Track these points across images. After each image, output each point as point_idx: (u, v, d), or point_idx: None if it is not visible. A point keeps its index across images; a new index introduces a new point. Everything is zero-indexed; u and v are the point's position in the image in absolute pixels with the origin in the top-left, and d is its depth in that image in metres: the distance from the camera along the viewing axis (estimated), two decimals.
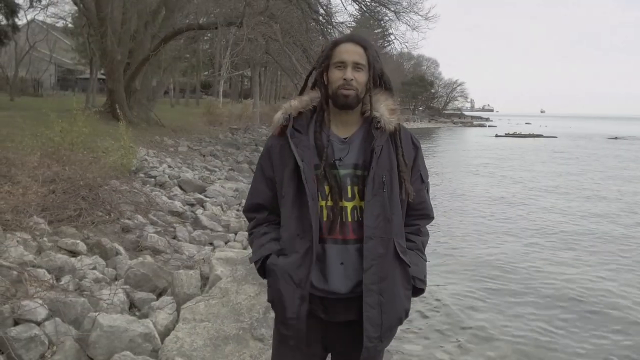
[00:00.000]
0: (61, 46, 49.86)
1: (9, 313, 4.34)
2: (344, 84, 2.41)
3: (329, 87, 2.47)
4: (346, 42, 2.48)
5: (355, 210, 2.43)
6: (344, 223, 2.42)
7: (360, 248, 2.40)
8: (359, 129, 2.51)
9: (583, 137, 64.71)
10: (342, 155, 2.45)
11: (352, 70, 2.42)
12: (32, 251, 5.96)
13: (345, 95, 2.41)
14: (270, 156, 2.54)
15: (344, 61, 2.43)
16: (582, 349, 6.45)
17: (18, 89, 34.45)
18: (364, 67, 2.45)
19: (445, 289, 8.27)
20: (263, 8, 20.48)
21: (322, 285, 2.42)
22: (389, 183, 2.42)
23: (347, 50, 2.45)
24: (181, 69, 46.89)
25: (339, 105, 2.45)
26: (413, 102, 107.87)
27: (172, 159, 16.73)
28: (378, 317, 2.40)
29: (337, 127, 2.50)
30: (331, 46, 2.51)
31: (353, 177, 2.44)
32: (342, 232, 2.42)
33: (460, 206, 15.95)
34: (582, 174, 24.90)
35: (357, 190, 2.44)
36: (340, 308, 2.44)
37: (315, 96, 2.54)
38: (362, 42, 2.49)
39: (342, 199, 2.42)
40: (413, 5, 27.75)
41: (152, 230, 7.97)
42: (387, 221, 2.41)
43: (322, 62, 2.50)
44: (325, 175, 2.40)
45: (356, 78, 2.42)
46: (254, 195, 2.63)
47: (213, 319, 4.92)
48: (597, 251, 10.93)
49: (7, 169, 7.98)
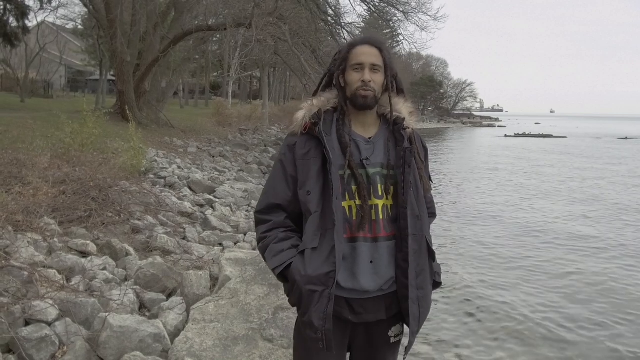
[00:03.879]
0: (71, 48, 50.14)
1: (20, 313, 4.37)
2: (362, 86, 2.45)
3: (347, 89, 2.50)
4: (362, 44, 2.51)
5: (385, 208, 2.45)
6: (374, 221, 2.44)
7: (391, 245, 2.44)
8: (380, 129, 2.55)
9: (593, 138, 64.33)
10: (369, 154, 2.48)
11: (369, 71, 2.46)
12: (43, 252, 5.99)
13: (364, 96, 2.45)
14: (295, 153, 2.51)
15: (362, 63, 2.46)
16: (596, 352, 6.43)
17: (28, 90, 34.62)
18: (380, 69, 2.49)
19: (455, 288, 8.26)
20: (272, 9, 20.48)
21: (350, 285, 2.40)
22: (414, 182, 2.47)
23: (364, 52, 2.48)
24: (190, 70, 47.00)
25: (358, 107, 2.48)
26: (422, 102, 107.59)
27: (182, 159, 16.77)
28: (417, 312, 2.45)
29: (358, 127, 2.53)
30: (348, 48, 2.54)
31: (382, 175, 2.46)
32: (372, 230, 2.43)
33: (470, 209, 15.90)
34: (594, 178, 24.65)
35: (387, 188, 2.46)
36: (369, 307, 2.44)
37: (331, 97, 2.57)
38: (378, 44, 2.51)
39: (371, 197, 2.44)
40: (422, 6, 27.66)
41: (162, 231, 7.99)
42: (418, 219, 2.46)
43: (340, 64, 2.52)
44: (353, 174, 2.42)
45: (374, 79, 2.46)
46: (271, 195, 2.57)
47: (222, 320, 4.92)
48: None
49: (18, 170, 8.03)
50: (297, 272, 2.40)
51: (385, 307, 2.45)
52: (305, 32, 23.81)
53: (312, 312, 2.36)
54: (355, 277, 2.40)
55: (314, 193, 2.42)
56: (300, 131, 2.50)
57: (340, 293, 2.39)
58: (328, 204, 2.38)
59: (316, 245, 2.38)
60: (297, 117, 2.53)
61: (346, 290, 2.40)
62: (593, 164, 29.99)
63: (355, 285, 2.40)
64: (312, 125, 2.47)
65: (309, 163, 2.45)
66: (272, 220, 2.55)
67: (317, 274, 2.35)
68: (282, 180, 2.53)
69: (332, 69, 2.58)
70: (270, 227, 2.55)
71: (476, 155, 34.41)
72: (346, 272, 2.40)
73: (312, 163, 2.44)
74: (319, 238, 2.38)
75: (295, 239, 2.50)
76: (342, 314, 2.42)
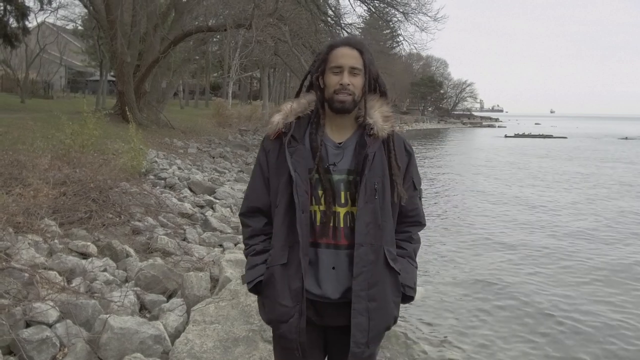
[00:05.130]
0: (71, 48, 50.17)
1: (20, 315, 4.37)
2: (340, 89, 2.40)
3: (325, 91, 2.46)
4: (342, 46, 2.46)
5: (347, 216, 2.43)
6: (336, 228, 2.42)
7: (350, 254, 2.40)
8: (353, 134, 2.50)
9: (593, 138, 64.38)
10: (337, 160, 2.44)
11: (348, 74, 2.41)
12: (44, 253, 6.00)
13: (342, 100, 2.40)
14: (267, 158, 2.51)
15: (341, 66, 2.41)
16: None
17: (28, 90, 34.64)
18: (360, 72, 2.43)
19: (449, 297, 8.26)
20: (272, 10, 20.50)
21: (315, 290, 2.41)
22: (381, 190, 2.41)
23: (343, 55, 2.43)
24: (190, 70, 47.01)
25: (335, 110, 2.44)
26: (422, 102, 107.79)
27: (182, 160, 16.78)
28: (366, 323, 2.39)
29: (332, 131, 2.49)
30: (327, 50, 2.48)
31: (346, 182, 2.43)
32: (334, 237, 2.42)
33: (470, 213, 15.91)
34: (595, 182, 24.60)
35: (350, 195, 2.43)
36: (332, 313, 2.44)
37: (313, 99, 2.52)
38: (358, 46, 2.46)
39: (335, 204, 2.42)
40: (422, 7, 27.70)
41: (162, 232, 7.99)
42: (377, 228, 2.41)
43: (319, 66, 2.48)
44: (320, 179, 2.40)
45: (353, 83, 2.41)
46: (252, 198, 2.58)
47: (223, 321, 4.93)
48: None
49: (19, 171, 8.03)
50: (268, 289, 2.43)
51: (347, 315, 2.40)
52: (305, 33, 23.84)
53: (284, 327, 2.40)
54: (318, 283, 2.41)
55: (281, 205, 2.42)
56: (273, 136, 2.49)
57: (308, 296, 2.40)
58: (294, 216, 2.37)
59: (285, 262, 2.39)
60: (274, 120, 2.50)
61: (311, 294, 2.41)
62: (597, 168, 29.93)
63: (318, 291, 2.41)
64: (282, 133, 2.46)
65: (279, 172, 2.45)
66: (251, 227, 2.57)
67: (287, 291, 2.37)
68: (261, 181, 2.54)
69: (311, 70, 2.53)
70: (250, 234, 2.57)
71: (473, 160, 34.31)
72: (311, 277, 2.41)
73: (281, 173, 2.44)
74: (287, 253, 2.39)
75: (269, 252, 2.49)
76: (310, 317, 2.43)
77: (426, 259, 9.88)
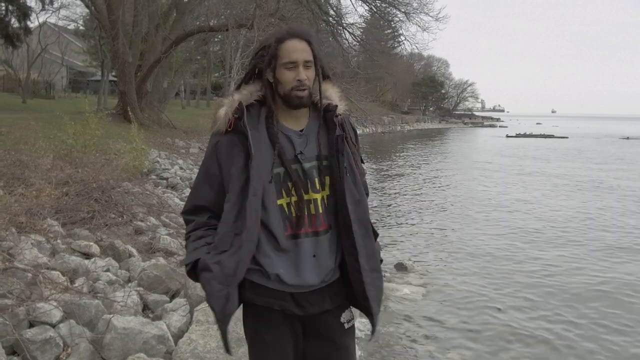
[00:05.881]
0: (73, 48, 50.19)
1: (24, 315, 4.37)
2: (298, 85, 2.36)
3: (279, 87, 2.40)
4: (291, 38, 2.39)
5: (323, 200, 2.43)
6: (314, 215, 2.41)
7: (330, 237, 2.43)
8: (311, 119, 2.48)
9: (595, 137, 64.33)
10: (303, 147, 2.42)
11: (303, 69, 2.37)
12: (46, 253, 6.00)
13: (300, 96, 2.37)
14: (217, 154, 2.44)
15: (295, 61, 2.36)
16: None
17: (30, 91, 34.67)
18: (311, 63, 2.40)
19: (457, 289, 8.26)
20: (274, 10, 20.52)
21: (293, 281, 2.39)
22: (349, 168, 2.43)
23: (295, 49, 2.37)
24: (192, 70, 47.02)
25: (294, 106, 2.40)
26: (423, 102, 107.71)
27: (184, 160, 16.79)
28: (375, 293, 2.44)
29: (288, 120, 2.45)
30: (276, 44, 2.39)
31: (317, 168, 2.42)
32: (312, 225, 2.41)
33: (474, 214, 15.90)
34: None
35: (322, 180, 2.43)
36: (314, 300, 2.43)
37: (254, 90, 2.46)
38: (307, 37, 2.41)
39: (309, 192, 2.41)
40: (423, 6, 27.69)
41: (165, 232, 7.99)
42: (358, 203, 2.43)
43: (270, 62, 2.40)
44: (287, 171, 2.37)
45: (307, 76, 2.38)
46: (194, 197, 2.54)
47: None
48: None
49: (21, 172, 8.04)
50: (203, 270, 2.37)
51: (330, 298, 2.45)
52: None
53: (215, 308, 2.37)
54: (299, 273, 2.39)
55: (232, 192, 2.37)
56: (225, 129, 2.41)
57: (286, 289, 2.39)
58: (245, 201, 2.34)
59: (226, 243, 2.35)
60: (220, 115, 2.43)
61: (291, 286, 2.39)
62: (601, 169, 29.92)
63: (299, 281, 2.39)
64: (236, 120, 2.38)
65: (231, 161, 2.40)
66: (194, 220, 2.51)
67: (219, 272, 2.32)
68: (205, 182, 2.49)
69: (258, 65, 2.44)
70: (193, 228, 2.50)
71: (474, 160, 34.30)
72: (290, 268, 2.39)
73: (235, 160, 2.38)
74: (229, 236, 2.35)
75: (212, 237, 2.44)
76: (287, 308, 2.42)
77: (428, 258, 9.89)
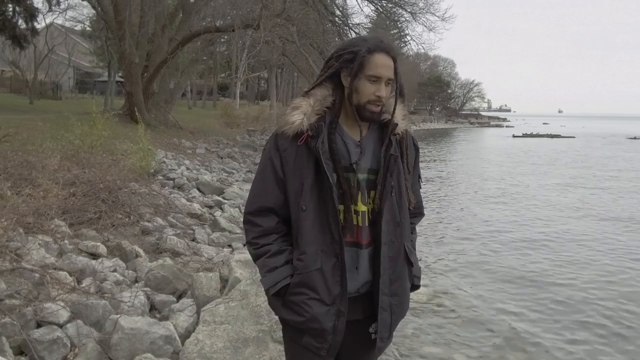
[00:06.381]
0: (79, 49, 50.34)
1: (31, 315, 4.39)
2: (375, 100, 2.34)
3: (354, 96, 2.36)
4: (381, 53, 2.35)
5: (367, 215, 2.40)
6: (359, 227, 2.39)
7: (370, 252, 2.41)
8: (370, 132, 2.46)
9: (602, 137, 64.07)
10: (357, 158, 2.39)
11: (385, 86, 2.35)
12: (54, 254, 6.02)
13: (373, 111, 2.35)
14: (283, 159, 2.39)
15: (380, 77, 2.33)
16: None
17: (37, 91, 34.78)
18: (392, 82, 2.38)
19: (463, 292, 8.24)
20: (280, 10, 20.51)
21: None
22: (397, 188, 2.41)
23: (383, 64, 2.34)
24: (198, 71, 47.17)
25: (364, 119, 2.38)
26: (430, 102, 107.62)
27: (190, 161, 16.81)
28: (389, 318, 2.43)
29: (349, 128, 2.43)
30: (366, 54, 2.34)
31: (368, 180, 2.40)
32: (357, 236, 2.39)
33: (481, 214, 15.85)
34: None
35: (372, 194, 2.41)
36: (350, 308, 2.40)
37: (327, 94, 2.42)
38: (394, 54, 2.38)
39: (357, 203, 2.38)
40: (430, 6, 27.66)
41: (172, 232, 8.00)
42: (397, 225, 2.42)
43: (357, 70, 2.34)
44: (339, 179, 2.34)
45: (386, 94, 2.36)
46: (261, 197, 2.44)
47: (233, 321, 4.93)
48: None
49: (28, 172, 8.06)
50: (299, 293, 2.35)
51: (362, 308, 2.44)
52: (313, 33, 23.85)
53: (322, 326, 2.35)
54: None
55: (309, 209, 2.34)
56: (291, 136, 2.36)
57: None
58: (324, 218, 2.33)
59: (319, 267, 2.33)
60: (293, 119, 2.36)
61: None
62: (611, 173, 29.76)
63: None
64: (309, 137, 2.33)
65: (300, 174, 2.36)
66: (262, 226, 2.44)
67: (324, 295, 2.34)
68: (273, 182, 2.42)
69: (341, 68, 2.38)
70: (261, 233, 2.44)
71: (480, 161, 34.21)
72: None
73: (304, 175, 2.35)
74: (320, 258, 2.33)
75: (289, 251, 2.41)
76: None
77: (434, 261, 9.86)
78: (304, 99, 2.43)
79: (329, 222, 2.32)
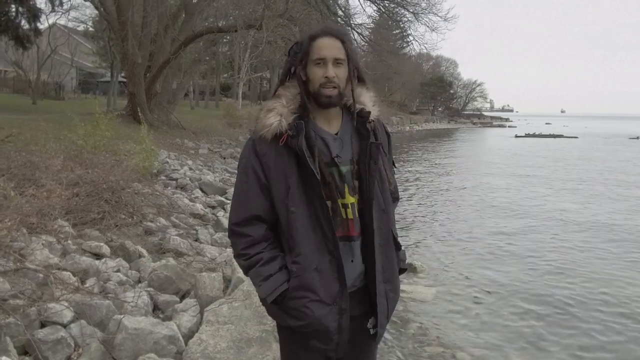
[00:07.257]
0: (82, 50, 50.47)
1: (35, 315, 4.40)
2: (325, 82, 2.32)
3: (309, 85, 2.37)
4: (323, 36, 2.35)
5: (354, 206, 2.39)
6: (350, 220, 2.38)
7: (361, 243, 2.40)
8: (344, 123, 2.44)
9: (604, 137, 63.96)
10: (338, 151, 2.38)
11: (332, 66, 2.33)
12: (57, 254, 6.03)
13: (328, 95, 2.33)
14: (264, 164, 2.36)
15: (324, 57, 2.32)
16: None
17: (40, 92, 34.88)
18: (343, 62, 2.35)
19: (467, 291, 8.24)
20: (282, 11, 20.54)
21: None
22: (379, 176, 2.41)
23: (325, 46, 2.33)
24: (201, 71, 47.12)
25: (322, 105, 2.36)
26: (432, 102, 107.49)
27: (193, 161, 16.83)
28: (385, 305, 2.44)
29: (322, 122, 2.42)
30: (308, 41, 2.36)
31: (352, 172, 2.38)
32: (349, 229, 2.38)
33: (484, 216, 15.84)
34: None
35: (357, 185, 2.39)
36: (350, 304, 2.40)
37: (296, 92, 2.41)
38: (340, 35, 2.37)
39: (345, 196, 2.37)
40: (432, 7, 27.71)
41: (175, 232, 8.01)
42: (382, 212, 2.42)
43: (301, 58, 2.37)
44: (322, 175, 2.32)
45: (337, 74, 2.33)
46: (247, 206, 2.39)
47: (236, 321, 4.93)
48: None
49: (32, 172, 8.08)
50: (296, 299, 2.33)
51: (358, 304, 2.42)
52: None
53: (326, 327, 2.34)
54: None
55: (299, 210, 2.32)
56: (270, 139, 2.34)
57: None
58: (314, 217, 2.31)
59: (316, 266, 2.32)
60: (270, 122, 2.34)
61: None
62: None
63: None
64: (289, 137, 2.31)
65: (283, 175, 2.33)
66: (251, 236, 2.38)
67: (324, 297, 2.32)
68: (257, 190, 2.37)
69: (293, 63, 2.40)
70: (250, 243, 2.39)
71: (483, 161, 34.17)
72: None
73: (287, 175, 2.33)
74: (317, 257, 2.32)
75: (281, 257, 2.38)
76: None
77: (438, 259, 9.87)
78: (276, 100, 2.41)
79: (320, 219, 2.31)
